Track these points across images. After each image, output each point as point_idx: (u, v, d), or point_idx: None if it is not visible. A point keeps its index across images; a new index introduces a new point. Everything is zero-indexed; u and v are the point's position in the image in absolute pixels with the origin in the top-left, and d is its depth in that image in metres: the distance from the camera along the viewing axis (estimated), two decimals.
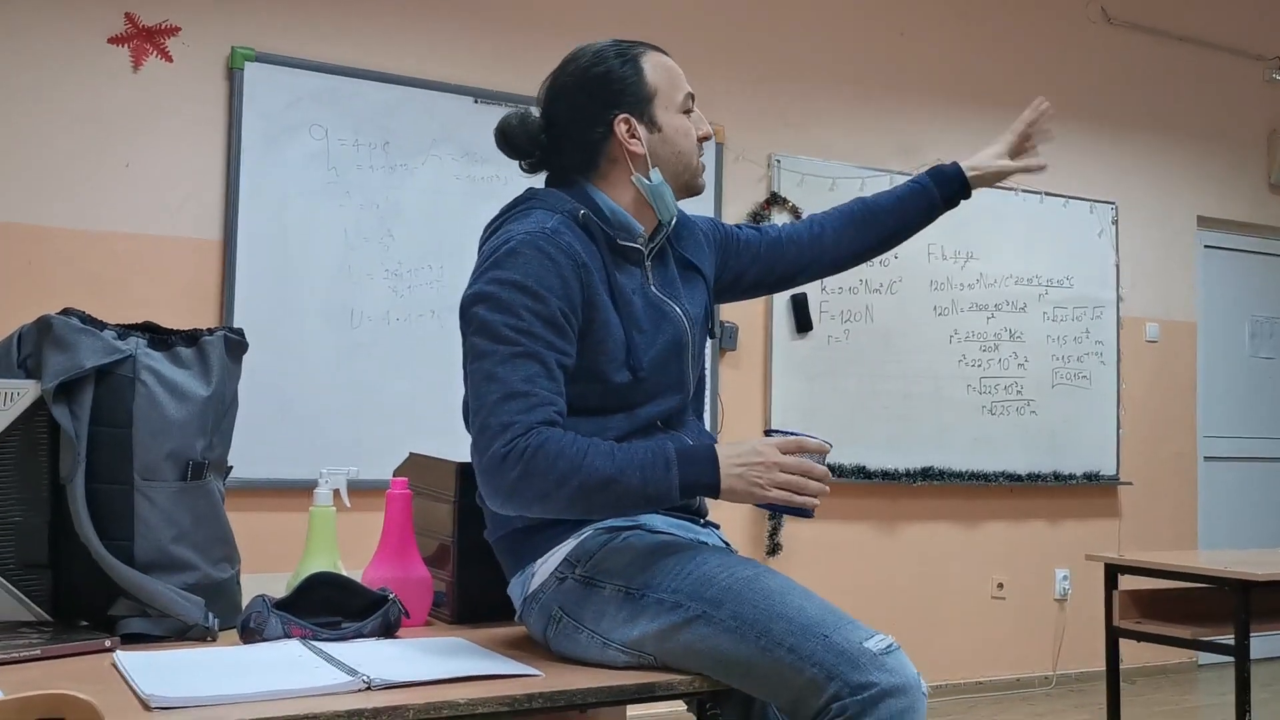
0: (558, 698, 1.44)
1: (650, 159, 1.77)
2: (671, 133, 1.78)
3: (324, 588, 1.71)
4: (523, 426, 1.54)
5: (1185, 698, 5.20)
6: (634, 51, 1.80)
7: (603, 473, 1.54)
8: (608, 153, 1.78)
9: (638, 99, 1.76)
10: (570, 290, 1.64)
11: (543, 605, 1.67)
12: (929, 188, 2.11)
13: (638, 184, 1.78)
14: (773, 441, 1.59)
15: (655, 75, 1.78)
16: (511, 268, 1.62)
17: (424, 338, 4.12)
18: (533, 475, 1.53)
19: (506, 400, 1.56)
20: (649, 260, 1.82)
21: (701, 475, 1.57)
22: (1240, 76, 6.16)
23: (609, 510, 1.60)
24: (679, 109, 1.80)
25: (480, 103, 4.24)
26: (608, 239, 1.74)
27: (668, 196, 1.79)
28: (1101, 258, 5.58)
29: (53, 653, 1.50)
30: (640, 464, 1.55)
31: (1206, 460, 5.97)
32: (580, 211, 1.72)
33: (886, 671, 1.45)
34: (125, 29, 3.77)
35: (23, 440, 1.62)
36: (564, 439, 1.55)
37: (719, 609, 1.53)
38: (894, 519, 5.04)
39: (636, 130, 1.76)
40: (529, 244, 1.64)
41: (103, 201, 3.74)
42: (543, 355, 1.59)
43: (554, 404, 1.59)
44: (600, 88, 1.76)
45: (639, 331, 1.73)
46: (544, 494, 1.54)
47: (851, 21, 5.11)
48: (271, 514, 3.69)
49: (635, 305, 1.74)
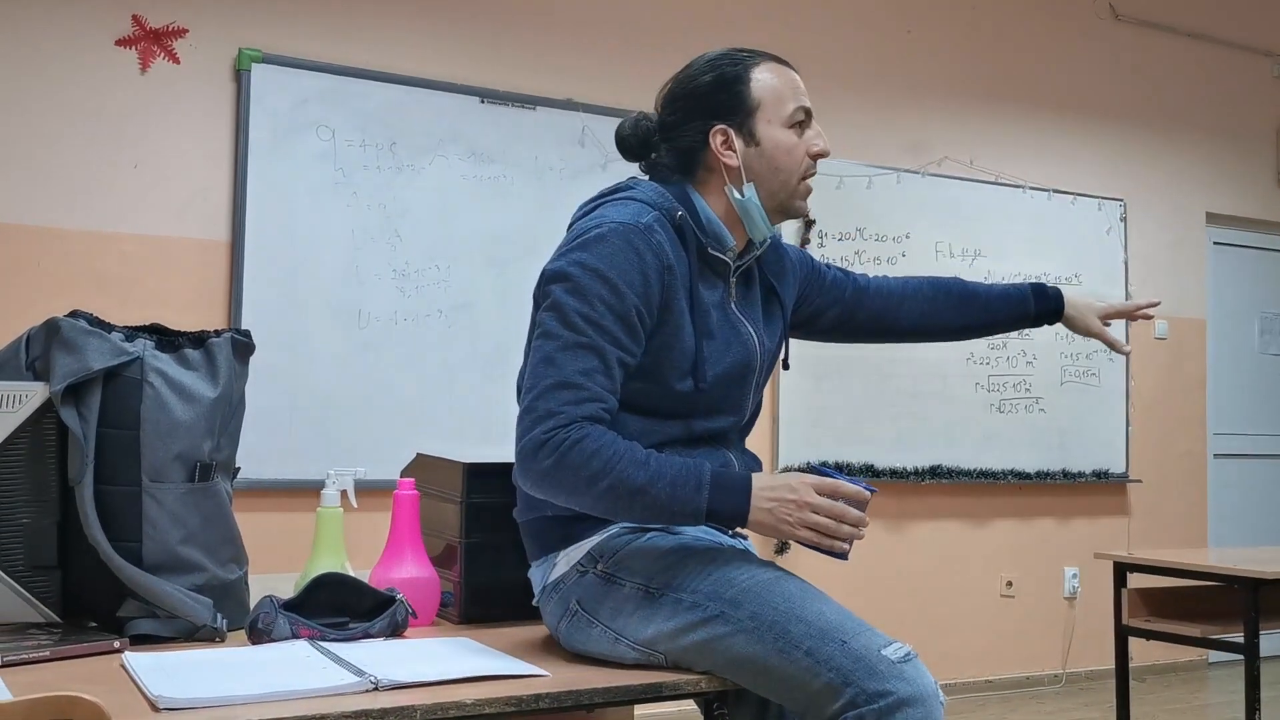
0: (564, 698, 1.44)
1: (745, 173, 1.74)
2: (771, 147, 1.75)
3: (331, 588, 1.72)
4: (566, 418, 1.55)
5: (1196, 696, 5.18)
6: (746, 61, 1.77)
7: (634, 481, 1.53)
8: (705, 161, 1.77)
9: (739, 110, 1.74)
10: (650, 289, 1.64)
11: (561, 596, 1.67)
12: (1028, 298, 2.13)
13: (729, 196, 1.76)
14: (809, 480, 1.56)
15: (761, 87, 1.75)
16: (598, 254, 1.62)
17: (431, 338, 4.12)
18: (565, 468, 1.54)
19: (558, 388, 1.57)
20: (734, 277, 1.80)
21: (731, 502, 1.55)
22: (1249, 72, 6.14)
23: (634, 518, 1.59)
24: (784, 123, 1.75)
25: (487, 102, 4.24)
26: (699, 245, 1.73)
27: (755, 215, 1.76)
28: (1110, 255, 5.56)
29: (62, 654, 1.51)
30: (672, 479, 1.55)
31: (1216, 458, 5.95)
32: (678, 212, 1.71)
33: (904, 680, 1.44)
34: (132, 31, 3.78)
35: (31, 442, 1.62)
36: (603, 438, 1.55)
37: (738, 609, 1.53)
38: (902, 518, 5.03)
39: (733, 142, 1.74)
40: (620, 234, 1.64)
41: (111, 203, 3.75)
42: (605, 350, 1.60)
43: (604, 401, 1.59)
44: (704, 96, 1.76)
45: (710, 342, 1.72)
46: (573, 489, 1.55)
47: (858, 19, 5.10)
48: (279, 514, 3.70)
49: (712, 318, 1.73)
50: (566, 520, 1.70)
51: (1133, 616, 3.45)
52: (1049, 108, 5.52)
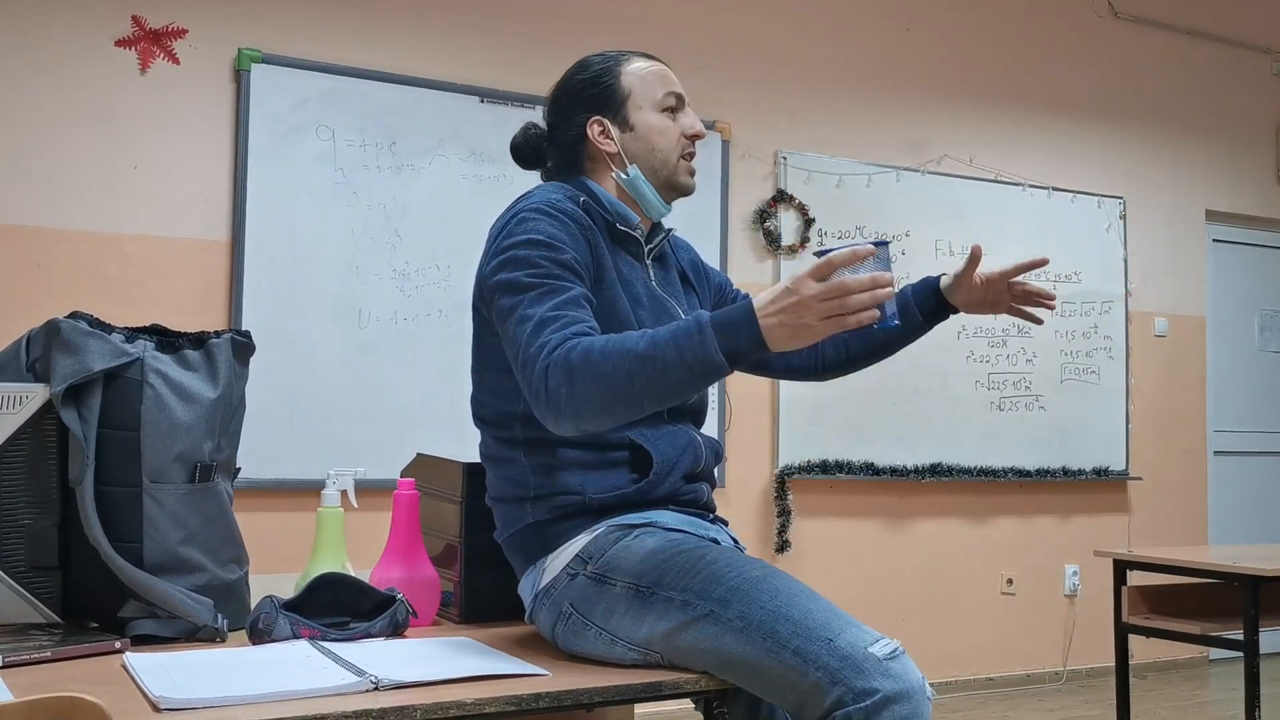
0: (564, 697, 1.44)
1: (626, 157, 1.85)
2: (645, 130, 1.85)
3: (332, 588, 1.72)
4: (557, 341, 1.56)
5: (1196, 693, 5.19)
6: (616, 58, 1.89)
7: (638, 350, 1.49)
8: (588, 152, 1.87)
9: (612, 102, 1.85)
10: (581, 247, 1.70)
11: (553, 601, 1.67)
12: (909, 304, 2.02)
13: (617, 179, 1.85)
14: (802, 272, 1.46)
15: (631, 78, 1.86)
16: (523, 232, 1.69)
17: (431, 337, 4.12)
18: (576, 378, 1.52)
19: (539, 330, 1.58)
20: (649, 259, 1.89)
21: (741, 334, 1.47)
22: (1248, 70, 6.14)
23: (663, 394, 1.51)
24: (656, 108, 1.86)
25: (486, 102, 4.25)
26: (607, 224, 1.81)
27: (645, 191, 1.85)
28: (1110, 253, 5.56)
29: (63, 654, 1.51)
30: (672, 334, 1.50)
31: (1216, 455, 5.96)
32: (580, 198, 1.79)
33: (890, 678, 1.43)
34: (132, 32, 3.79)
35: (32, 443, 1.62)
36: (597, 339, 1.54)
37: (726, 608, 1.53)
38: (902, 515, 5.03)
39: (610, 131, 1.85)
40: (535, 211, 1.72)
41: (111, 203, 3.75)
42: (566, 288, 1.63)
43: (586, 322, 1.60)
44: (578, 93, 1.87)
45: (642, 311, 1.77)
46: (590, 394, 1.51)
47: (858, 17, 5.10)
48: (280, 514, 3.70)
49: (637, 290, 1.80)
50: (550, 523, 1.70)
51: (1133, 614, 3.45)
52: (1048, 106, 5.53)
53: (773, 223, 4.78)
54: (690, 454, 1.78)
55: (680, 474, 1.76)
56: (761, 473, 4.74)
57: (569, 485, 1.70)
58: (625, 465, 1.72)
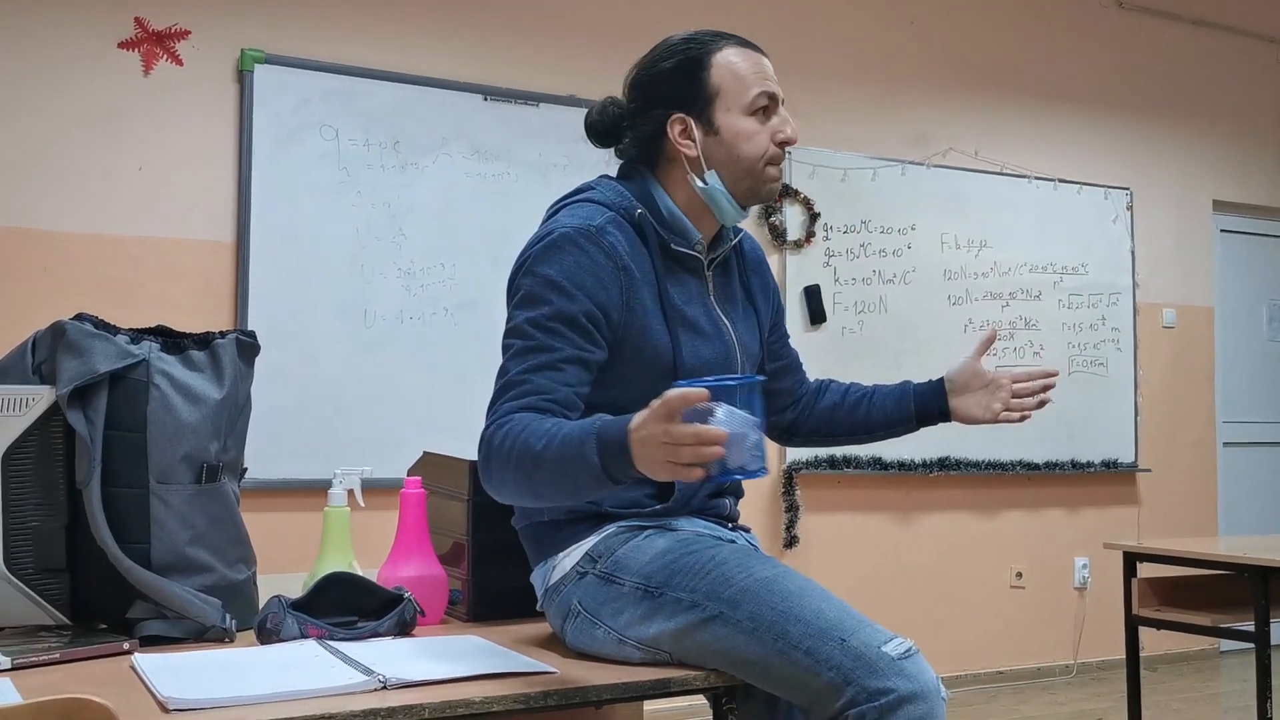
0: (573, 694, 1.44)
1: (705, 162, 1.71)
2: (730, 136, 1.71)
3: (339, 587, 1.72)
4: (502, 414, 1.54)
5: (1208, 684, 5.17)
6: (706, 46, 1.74)
7: (533, 449, 1.44)
8: (665, 150, 1.74)
9: (696, 98, 1.71)
10: (607, 289, 1.62)
11: (562, 599, 1.67)
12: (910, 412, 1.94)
13: (692, 184, 1.73)
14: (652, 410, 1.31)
15: (721, 73, 1.72)
16: (549, 263, 1.63)
17: (437, 336, 4.12)
18: (492, 460, 1.52)
19: (503, 392, 1.57)
20: (710, 270, 1.79)
21: (619, 452, 1.36)
22: (1254, 59, 6.12)
23: (555, 491, 1.46)
24: (745, 110, 1.72)
25: (490, 100, 4.24)
26: (661, 242, 1.70)
27: (722, 201, 1.73)
28: (1117, 244, 5.55)
29: (71, 656, 1.51)
30: (563, 439, 1.42)
31: (1226, 446, 5.94)
32: (637, 211, 1.69)
33: (904, 677, 1.42)
34: (135, 33, 3.79)
35: (39, 445, 1.63)
36: (525, 419, 1.49)
37: (736, 609, 1.52)
38: (911, 509, 5.03)
39: (691, 131, 1.71)
40: (569, 239, 1.63)
41: (116, 205, 3.76)
42: (554, 347, 1.58)
43: (548, 393, 1.55)
44: (664, 83, 1.73)
45: (686, 333, 1.68)
46: (501, 480, 1.52)
47: (861, 11, 5.09)
48: (287, 514, 3.71)
49: (685, 313, 1.70)
50: (562, 523, 1.69)
51: (1143, 606, 3.44)
52: (1054, 97, 5.51)
53: (778, 218, 4.77)
54: None
55: (704, 494, 1.75)
56: (769, 468, 4.73)
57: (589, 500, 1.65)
58: (648, 482, 1.61)
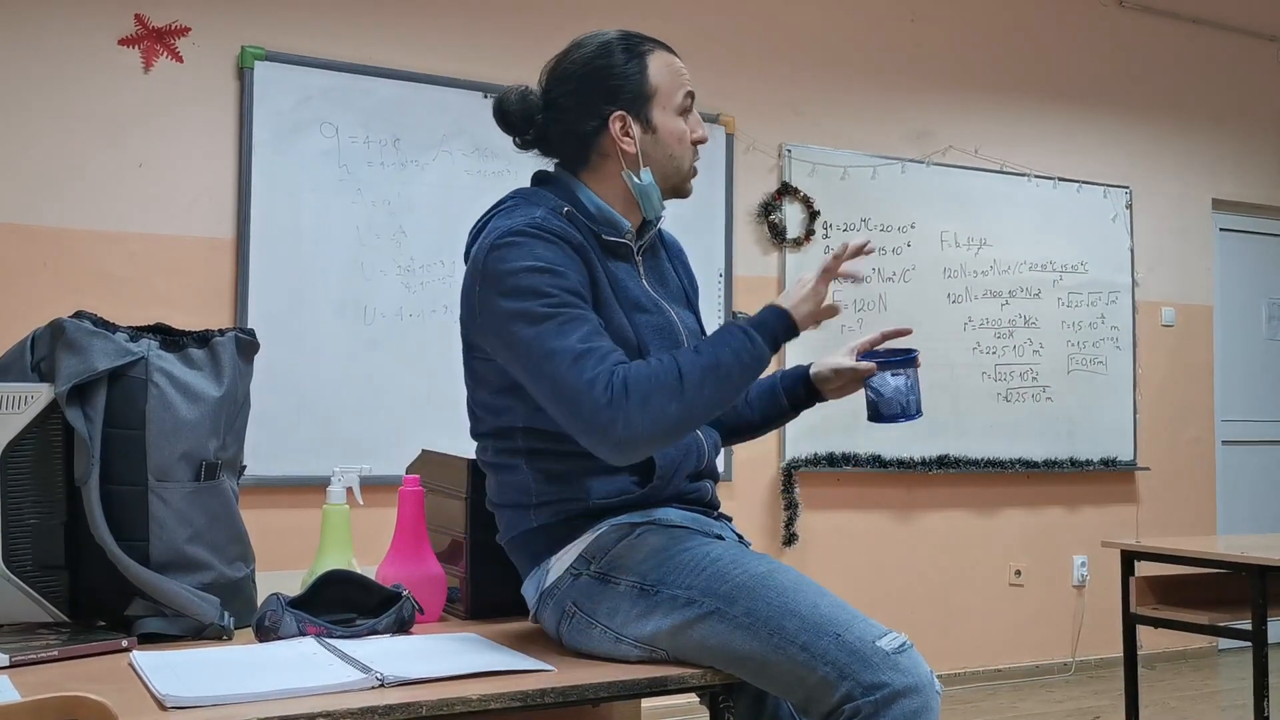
0: (570, 692, 1.45)
1: (642, 159, 1.74)
2: (666, 135, 1.75)
3: (338, 585, 1.72)
4: (605, 373, 1.54)
5: (1206, 682, 5.18)
6: (641, 48, 1.77)
7: (702, 363, 1.58)
8: (599, 147, 1.76)
9: (636, 97, 1.74)
10: (577, 268, 1.64)
11: (557, 601, 1.67)
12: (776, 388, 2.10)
13: (626, 181, 1.76)
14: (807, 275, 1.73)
15: (658, 74, 1.75)
16: (518, 257, 1.61)
17: (437, 333, 4.12)
18: (650, 397, 1.53)
19: (577, 364, 1.55)
20: (639, 255, 1.82)
21: (778, 325, 1.65)
22: (1254, 58, 6.12)
23: (728, 394, 1.61)
24: (677, 110, 1.76)
25: (490, 97, 4.20)
26: (594, 234, 1.72)
27: (654, 197, 1.77)
28: (1116, 242, 5.55)
29: (70, 653, 1.52)
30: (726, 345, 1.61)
31: (1224, 444, 5.94)
32: (564, 208, 1.70)
33: (899, 671, 1.43)
34: (135, 30, 3.79)
35: (38, 443, 1.63)
36: (645, 364, 1.58)
37: (732, 605, 1.53)
38: (910, 507, 5.03)
39: (631, 129, 1.73)
40: (523, 233, 1.63)
41: (116, 202, 3.76)
42: (586, 318, 1.60)
43: (619, 352, 1.59)
44: (601, 81, 1.74)
45: (639, 314, 1.72)
46: (665, 409, 1.54)
47: (862, 8, 5.08)
48: (285, 511, 3.71)
49: (634, 293, 1.74)
50: (552, 525, 1.69)
51: (1141, 604, 3.45)
52: (1054, 95, 5.51)
53: (778, 216, 4.77)
54: (694, 454, 1.76)
55: (683, 475, 1.75)
56: (768, 466, 4.74)
57: (573, 491, 1.68)
58: (628, 469, 1.68)
